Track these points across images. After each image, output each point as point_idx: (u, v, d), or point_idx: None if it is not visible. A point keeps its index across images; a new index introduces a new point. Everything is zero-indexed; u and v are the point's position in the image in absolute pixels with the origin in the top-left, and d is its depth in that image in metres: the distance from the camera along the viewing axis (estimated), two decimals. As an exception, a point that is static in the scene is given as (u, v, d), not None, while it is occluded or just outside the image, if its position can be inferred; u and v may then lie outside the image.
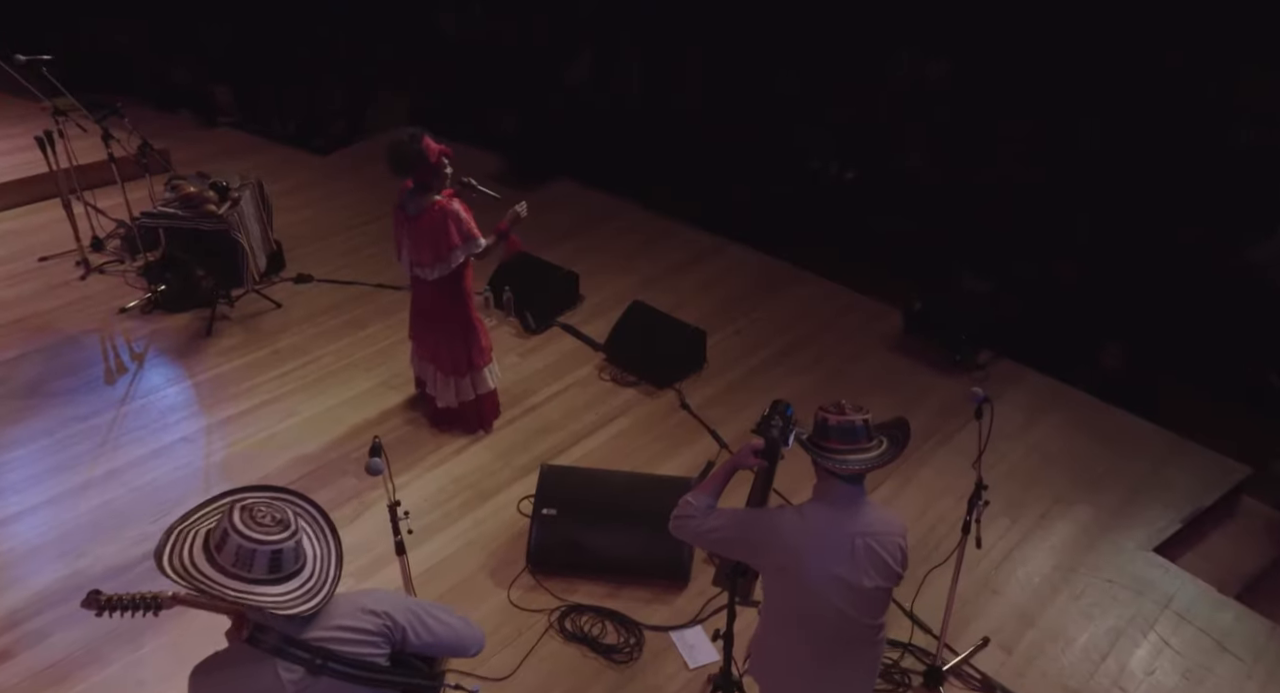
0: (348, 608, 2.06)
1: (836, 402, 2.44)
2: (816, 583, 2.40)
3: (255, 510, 1.95)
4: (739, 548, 2.54)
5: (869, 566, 2.40)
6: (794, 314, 5.94)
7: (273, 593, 1.92)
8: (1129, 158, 6.32)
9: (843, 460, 2.37)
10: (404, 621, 2.11)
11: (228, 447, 4.71)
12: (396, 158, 4.17)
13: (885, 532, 2.45)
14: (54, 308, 5.84)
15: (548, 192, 7.52)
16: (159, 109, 9.10)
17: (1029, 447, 4.86)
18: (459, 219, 4.23)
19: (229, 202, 5.34)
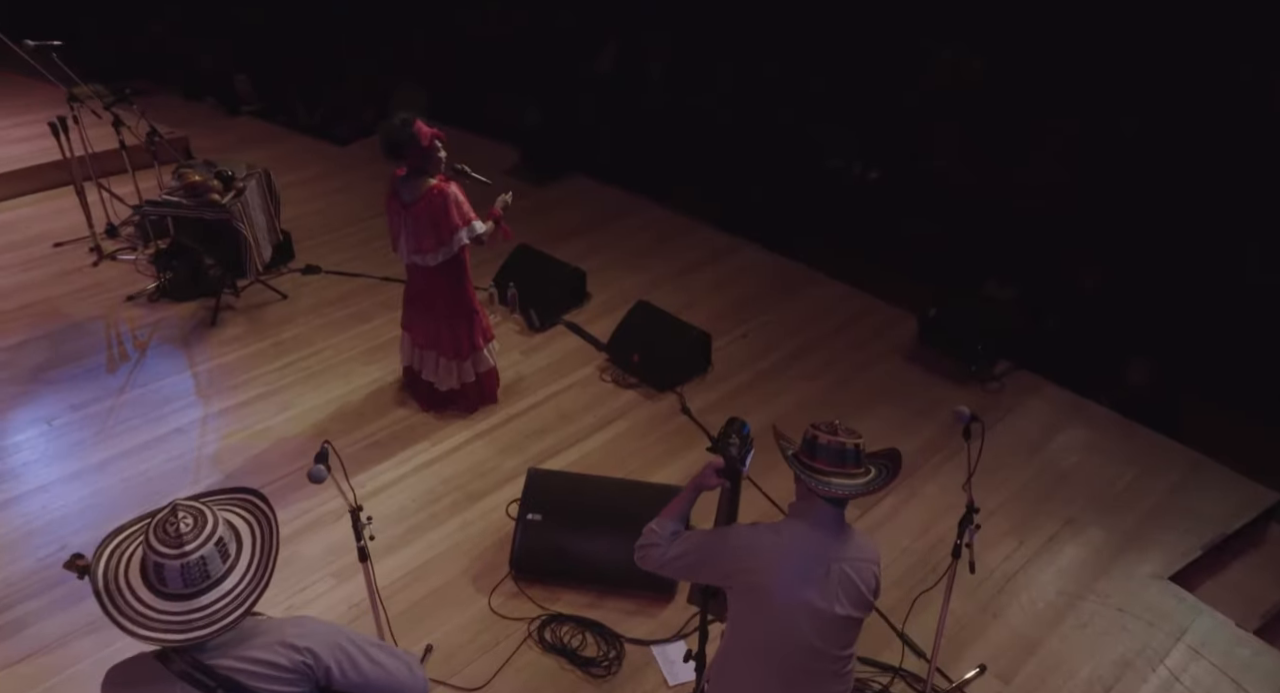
0: (268, 639, 1.94)
1: (830, 421, 2.30)
2: (786, 606, 2.27)
3: (167, 523, 1.85)
4: (707, 570, 2.40)
5: (843, 593, 2.27)
6: (806, 318, 5.78)
7: (175, 611, 1.83)
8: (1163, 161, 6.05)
9: (827, 483, 2.23)
10: (330, 659, 1.97)
11: (221, 439, 4.67)
12: (388, 141, 4.14)
13: (862, 558, 2.32)
14: (63, 294, 5.86)
15: (562, 187, 7.42)
16: (186, 97, 9.17)
17: (1042, 464, 4.66)
18: (458, 202, 4.18)
19: (233, 191, 5.30)
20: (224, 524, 1.93)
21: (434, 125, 4.20)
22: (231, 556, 1.93)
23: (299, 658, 1.93)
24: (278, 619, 2.04)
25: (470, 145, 7.88)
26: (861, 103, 7.51)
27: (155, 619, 1.84)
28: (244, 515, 2.04)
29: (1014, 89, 6.98)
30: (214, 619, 1.85)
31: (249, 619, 1.97)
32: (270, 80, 8.95)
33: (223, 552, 1.90)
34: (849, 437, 2.26)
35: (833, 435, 2.25)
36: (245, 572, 1.94)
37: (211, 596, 1.87)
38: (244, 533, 2.00)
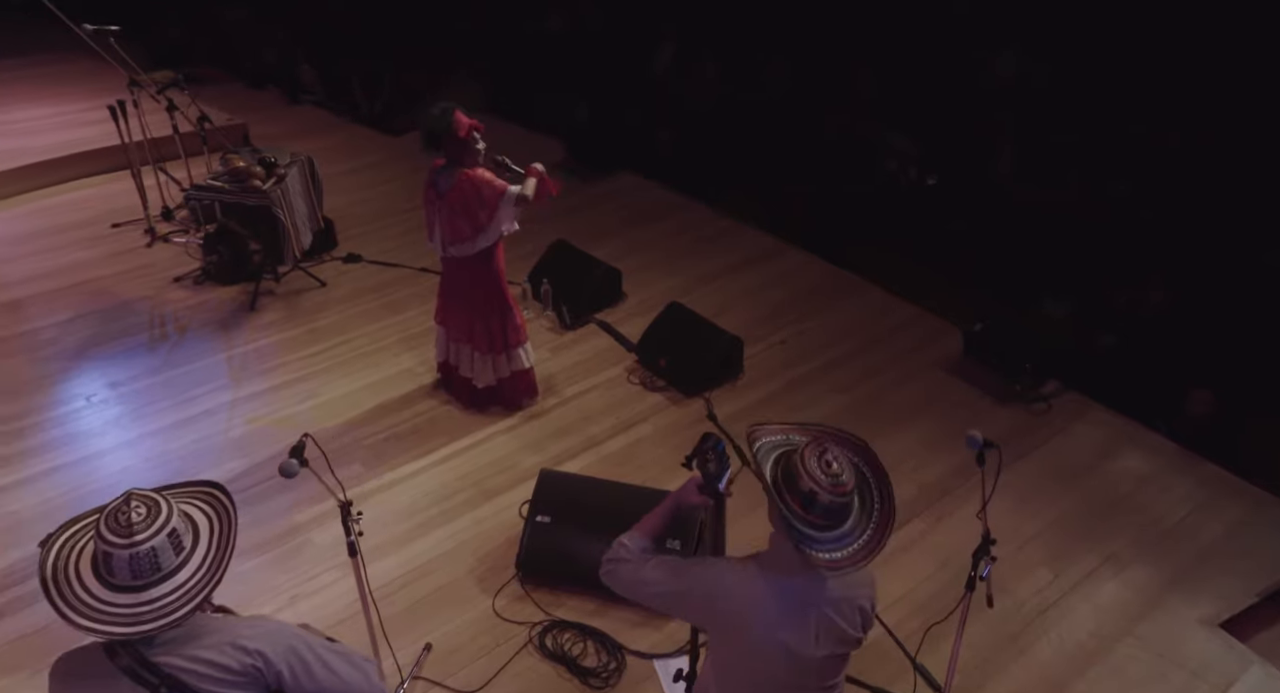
0: (219, 639, 1.88)
1: (823, 455, 1.99)
2: (762, 649, 2.12)
3: (119, 512, 1.81)
4: (679, 611, 2.23)
5: (823, 636, 2.11)
6: (846, 327, 5.57)
7: (123, 603, 1.78)
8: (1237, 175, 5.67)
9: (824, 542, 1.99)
10: (281, 663, 1.90)
11: (246, 423, 4.71)
12: (426, 130, 4.12)
13: (850, 596, 2.14)
14: (115, 273, 6.01)
15: (607, 184, 7.34)
16: (250, 86, 9.37)
17: (1087, 492, 4.38)
18: (486, 178, 4.12)
19: (274, 178, 5.35)
20: (179, 516, 1.88)
21: (474, 117, 4.14)
22: (186, 549, 1.87)
23: (248, 661, 1.87)
24: (231, 618, 1.99)
25: (520, 140, 7.90)
26: (921, 105, 7.24)
27: (102, 611, 1.79)
28: (203, 508, 1.99)
29: (1082, 95, 6.65)
30: (162, 613, 1.80)
31: (201, 616, 1.92)
32: (334, 70, 9.07)
33: (175, 544, 1.85)
34: (853, 490, 2.01)
35: (836, 494, 1.97)
36: (199, 566, 1.88)
37: (162, 588, 1.82)
38: (202, 526, 1.94)
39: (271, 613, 3.67)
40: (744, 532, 3.63)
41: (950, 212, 6.83)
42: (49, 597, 1.80)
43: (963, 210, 6.80)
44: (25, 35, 9.03)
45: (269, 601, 3.73)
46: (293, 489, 4.26)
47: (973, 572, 2.88)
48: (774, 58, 7.82)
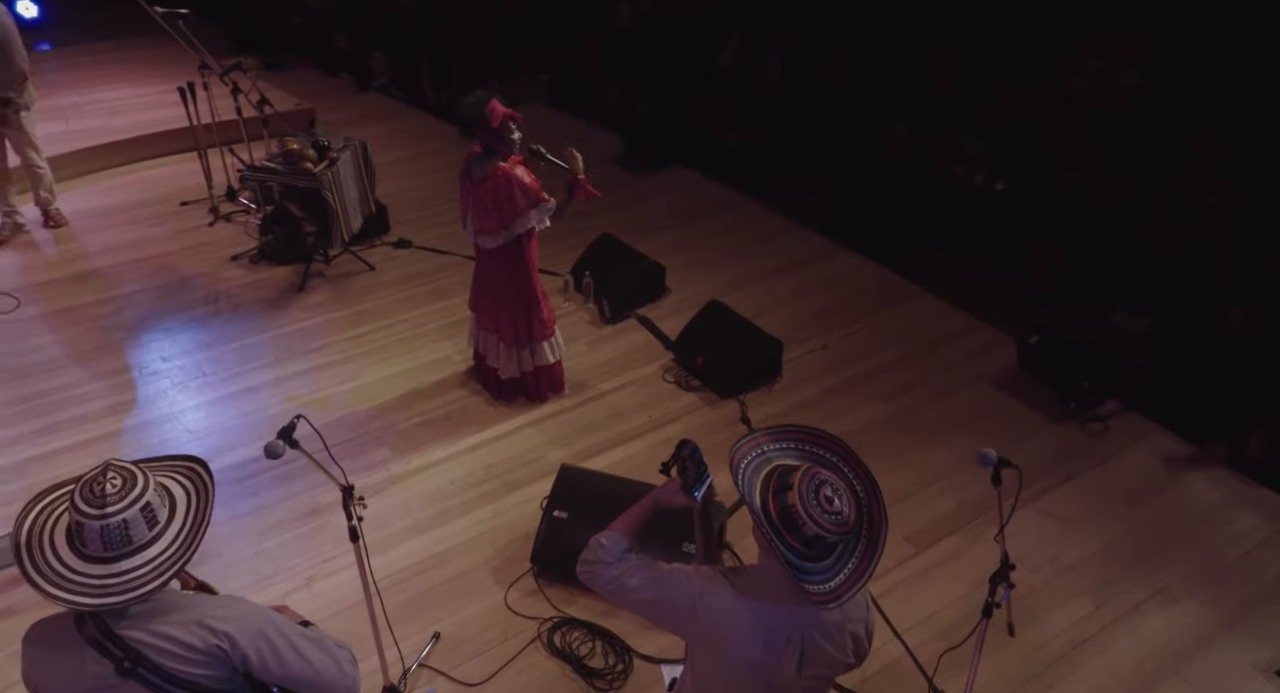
0: (187, 616, 1.86)
1: (819, 489, 1.86)
2: (739, 671, 2.01)
3: (95, 482, 1.80)
4: (659, 614, 2.12)
5: (809, 663, 2.00)
6: (894, 334, 5.37)
7: (93, 574, 1.77)
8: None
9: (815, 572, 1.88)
10: (249, 647, 1.88)
11: (284, 401, 4.78)
12: (462, 119, 4.08)
13: (839, 620, 2.01)
14: (178, 250, 6.18)
15: (662, 179, 7.26)
16: (325, 73, 9.58)
17: (1140, 521, 4.12)
18: (522, 184, 4.06)
19: (326, 161, 5.42)
20: (155, 490, 1.87)
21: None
22: (160, 523, 1.86)
23: (214, 641, 1.85)
24: (203, 596, 1.97)
25: (578, 133, 7.88)
26: (994, 108, 6.96)
27: (71, 580, 1.79)
28: (183, 482, 1.98)
29: (1170, 101, 6.28)
30: (130, 586, 1.79)
31: (173, 593, 1.91)
32: (406, 60, 9.20)
33: (149, 517, 1.84)
34: (850, 525, 1.88)
35: (841, 532, 1.85)
36: (172, 541, 1.87)
37: (133, 561, 1.80)
38: (179, 501, 1.93)
39: (287, 593, 3.71)
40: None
41: (1019, 218, 6.54)
42: (20, 562, 1.81)
43: (1033, 217, 6.51)
44: (120, 19, 9.40)
45: (286, 580, 3.77)
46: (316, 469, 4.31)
47: (989, 597, 2.69)
48: (839, 56, 7.61)
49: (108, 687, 1.79)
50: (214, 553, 3.88)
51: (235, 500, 4.15)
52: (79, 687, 1.80)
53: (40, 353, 5.11)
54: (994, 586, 2.74)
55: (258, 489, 4.19)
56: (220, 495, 4.23)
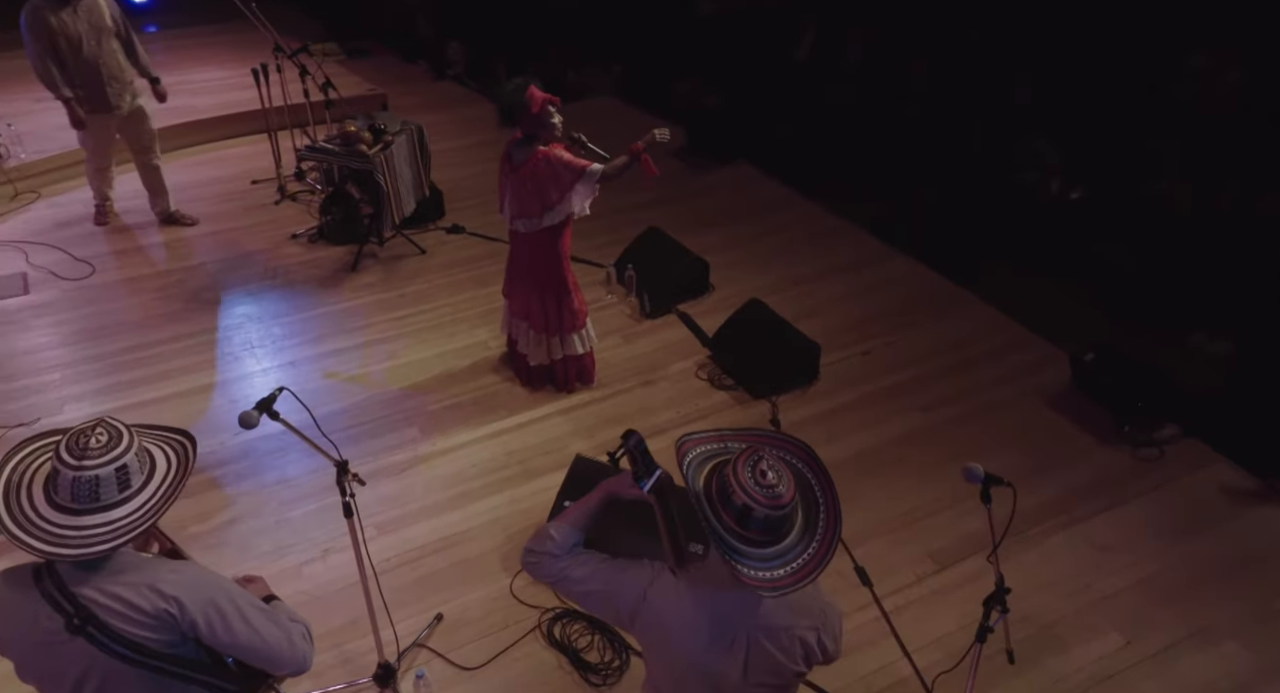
0: (140, 579, 1.87)
1: (757, 464, 1.81)
2: (684, 671, 1.95)
3: (83, 434, 1.83)
4: (603, 609, 2.07)
5: (752, 666, 1.91)
6: (944, 343, 5.17)
7: (56, 523, 1.80)
8: None
9: (759, 559, 1.81)
10: (198, 613, 1.88)
11: (323, 377, 4.89)
12: (501, 105, 4.09)
13: (785, 625, 1.92)
14: (244, 226, 6.40)
15: (721, 174, 7.16)
16: (404, 60, 9.79)
17: (1185, 555, 3.86)
18: (564, 160, 4.04)
19: (381, 144, 5.52)
20: (138, 454, 1.88)
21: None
22: (133, 488, 1.87)
23: (162, 605, 1.86)
24: (161, 561, 1.98)
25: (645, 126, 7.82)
26: (1075, 113, 6.63)
27: (35, 525, 1.82)
28: (169, 455, 2.00)
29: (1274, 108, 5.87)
30: (85, 542, 1.81)
31: (131, 554, 1.93)
32: (484, 50, 9.32)
33: (122, 480, 1.85)
34: (790, 499, 1.80)
35: (773, 506, 1.78)
36: (138, 507, 1.87)
37: (94, 519, 1.82)
38: (159, 471, 1.93)
39: (302, 563, 3.79)
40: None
41: (1093, 228, 6.22)
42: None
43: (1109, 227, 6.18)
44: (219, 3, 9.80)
45: (304, 551, 3.85)
46: (346, 446, 4.38)
47: (983, 621, 2.55)
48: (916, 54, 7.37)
49: (58, 642, 1.82)
50: (238, 519, 4.00)
51: (264, 471, 4.26)
52: (32, 639, 1.84)
53: (104, 318, 5.35)
54: (988, 609, 2.60)
55: (286, 462, 4.29)
56: (250, 466, 4.39)
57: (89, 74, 5.46)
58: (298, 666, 2.03)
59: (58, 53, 5.34)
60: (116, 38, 5.58)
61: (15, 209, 6.58)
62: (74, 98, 5.49)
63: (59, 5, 5.26)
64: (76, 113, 5.55)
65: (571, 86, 8.63)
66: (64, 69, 5.40)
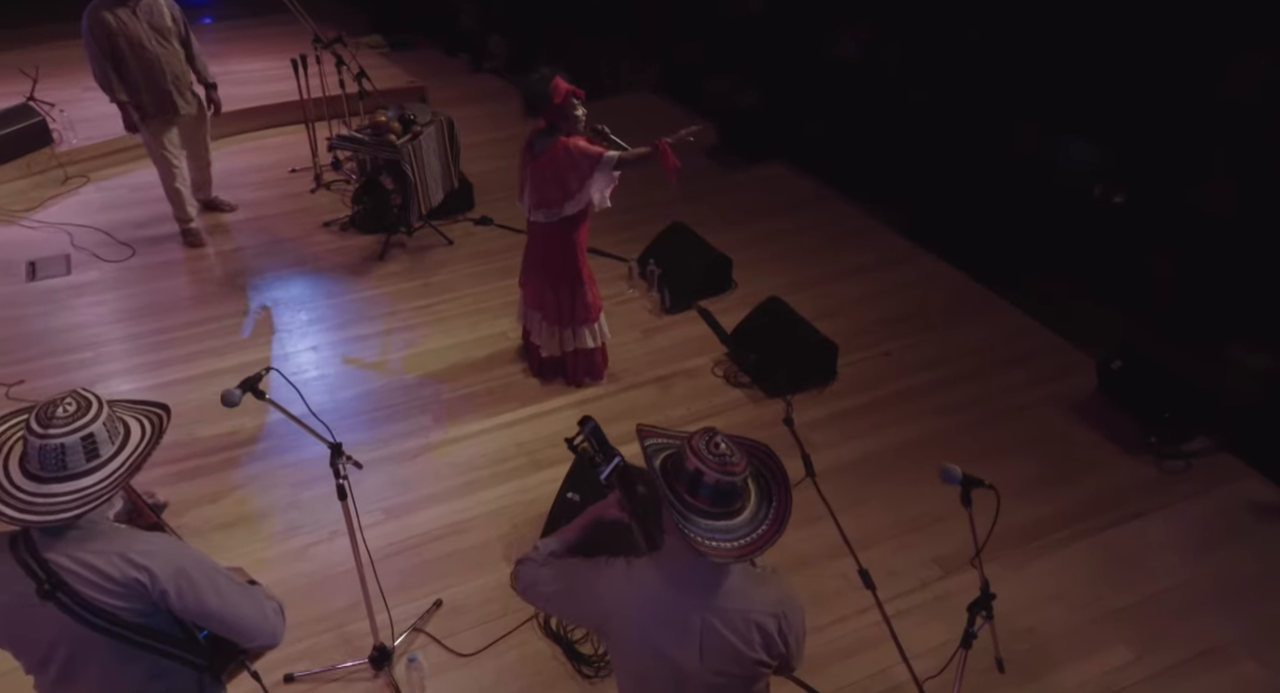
0: (111, 547, 1.90)
1: (712, 438, 1.86)
2: (644, 662, 1.94)
3: (54, 403, 1.86)
4: (564, 608, 2.06)
5: (709, 650, 1.89)
6: (969, 346, 5.06)
7: (27, 491, 1.84)
8: None
9: (711, 530, 1.82)
10: (169, 583, 1.90)
11: (342, 362, 4.96)
12: (525, 95, 4.11)
13: (741, 608, 1.90)
14: (279, 213, 6.52)
15: (753, 172, 7.11)
16: (445, 52, 9.88)
17: (1206, 571, 3.72)
18: (582, 148, 4.05)
19: (410, 134, 5.57)
20: (108, 423, 1.90)
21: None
22: (102, 457, 1.89)
23: (132, 574, 1.89)
24: (135, 531, 2.00)
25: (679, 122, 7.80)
26: (1119, 113, 6.43)
27: (9, 493, 1.85)
28: (144, 425, 2.03)
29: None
30: (52, 509, 1.84)
31: (104, 523, 1.94)
32: (526, 44, 9.37)
33: (89, 449, 1.87)
34: (740, 469, 1.83)
35: (723, 472, 1.81)
36: (107, 476, 1.89)
37: (61, 487, 1.85)
38: (131, 442, 1.97)
39: (309, 545, 3.86)
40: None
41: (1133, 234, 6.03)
42: None
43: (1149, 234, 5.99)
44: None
45: (311, 532, 3.91)
46: (362, 430, 4.46)
47: (969, 627, 2.49)
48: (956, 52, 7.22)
49: (29, 606, 1.86)
50: (251, 498, 4.08)
51: (282, 453, 4.33)
52: (5, 602, 1.89)
53: (139, 299, 5.50)
54: (972, 615, 2.53)
55: (302, 445, 4.35)
56: (268, 447, 4.47)
57: (152, 75, 5.37)
58: (269, 638, 2.06)
59: (117, 54, 5.26)
60: (178, 38, 5.52)
61: (65, 192, 6.79)
62: (128, 101, 5.42)
63: (117, 5, 5.21)
64: (131, 116, 5.50)
65: (609, 82, 8.63)
66: (123, 72, 5.32)
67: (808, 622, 3.44)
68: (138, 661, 1.95)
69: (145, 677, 1.97)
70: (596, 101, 8.15)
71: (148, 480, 4.14)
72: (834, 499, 4.03)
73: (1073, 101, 6.62)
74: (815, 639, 3.46)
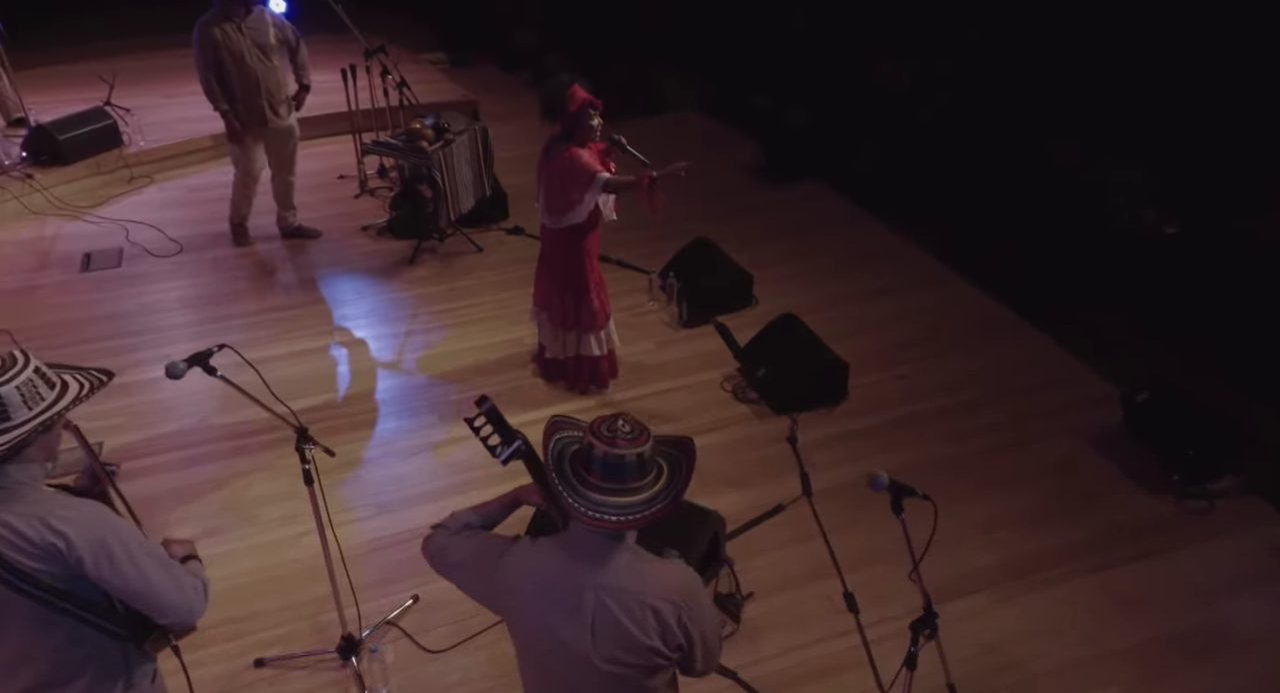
0: (34, 510, 1.91)
1: (614, 419, 1.87)
2: (540, 645, 1.91)
3: None
4: (465, 580, 2.04)
5: (601, 631, 1.84)
6: (990, 373, 4.90)
7: None
8: None
9: (599, 504, 1.82)
10: (85, 551, 1.90)
11: (359, 360, 5.08)
12: (542, 100, 4.19)
13: (634, 589, 1.85)
14: (322, 216, 6.72)
15: (790, 191, 7.05)
16: (503, 69, 10.12)
17: (1213, 618, 3.49)
18: (581, 161, 4.09)
19: (442, 142, 5.70)
20: (40, 379, 1.95)
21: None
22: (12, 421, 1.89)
23: (49, 538, 1.89)
24: (61, 496, 2.01)
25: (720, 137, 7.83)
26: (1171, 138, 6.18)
27: None
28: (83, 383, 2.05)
29: None
30: None
31: (32, 486, 1.96)
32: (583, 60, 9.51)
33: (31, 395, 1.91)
34: (631, 445, 1.82)
35: (610, 445, 1.81)
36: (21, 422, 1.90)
37: None
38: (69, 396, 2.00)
39: (299, 534, 3.91)
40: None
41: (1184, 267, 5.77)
42: None
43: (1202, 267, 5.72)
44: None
45: (303, 523, 3.89)
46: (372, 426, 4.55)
47: (911, 646, 2.39)
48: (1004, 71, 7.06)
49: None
50: (252, 486, 4.18)
51: (289, 443, 4.40)
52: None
53: (180, 292, 5.74)
54: (915, 633, 2.42)
55: (312, 436, 4.45)
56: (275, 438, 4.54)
57: (248, 87, 5.57)
58: (184, 615, 2.04)
59: (221, 66, 5.48)
60: (284, 51, 5.75)
61: (129, 191, 7.14)
62: (230, 111, 5.62)
63: (223, 21, 5.42)
64: (234, 125, 5.68)
65: (656, 98, 8.70)
66: (225, 83, 5.54)
67: (787, 641, 3.42)
68: (58, 625, 1.97)
69: (65, 641, 1.98)
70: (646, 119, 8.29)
71: (158, 464, 4.31)
72: (828, 520, 3.92)
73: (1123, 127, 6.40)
74: (791, 659, 3.40)
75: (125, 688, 2.11)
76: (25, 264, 6.07)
